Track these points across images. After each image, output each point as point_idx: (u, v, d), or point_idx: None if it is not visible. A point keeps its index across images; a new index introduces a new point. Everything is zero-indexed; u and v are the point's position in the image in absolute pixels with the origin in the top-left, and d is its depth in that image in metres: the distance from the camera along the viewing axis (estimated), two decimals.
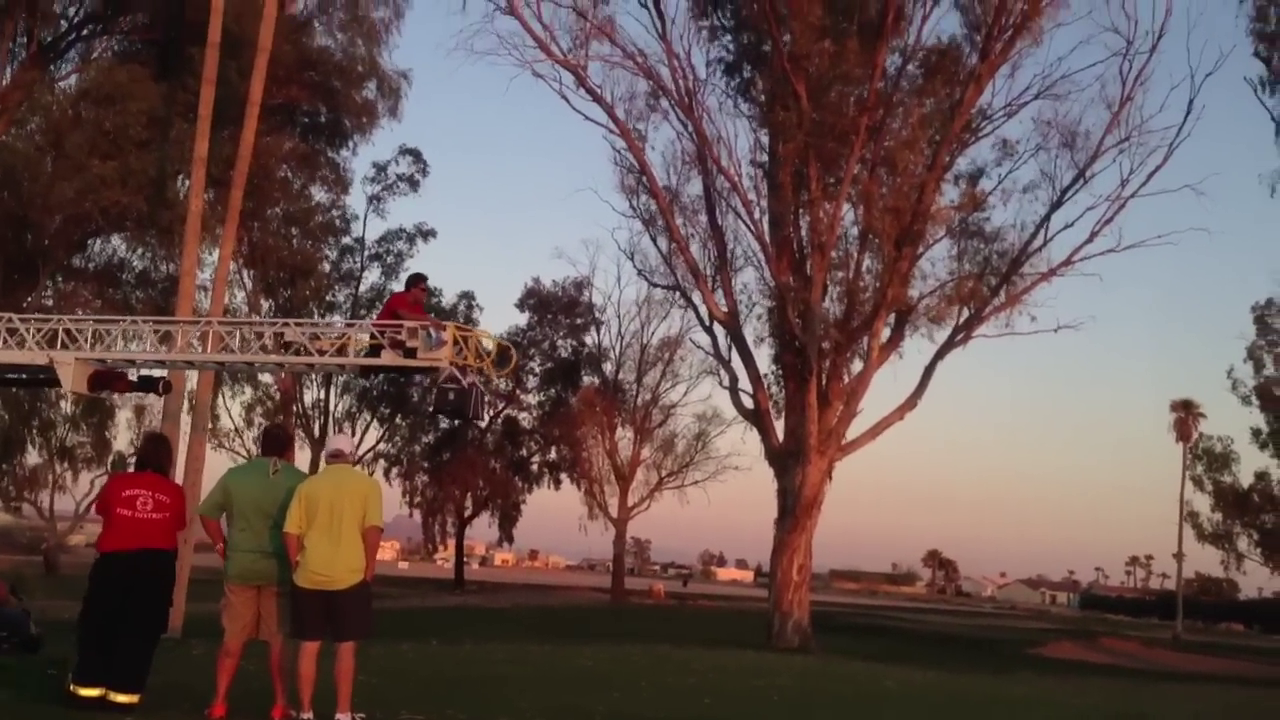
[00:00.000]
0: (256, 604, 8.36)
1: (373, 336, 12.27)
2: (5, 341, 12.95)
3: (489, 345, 11.96)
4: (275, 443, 9.04)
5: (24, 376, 14.69)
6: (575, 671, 14.66)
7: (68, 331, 12.75)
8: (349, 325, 13.72)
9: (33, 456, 46.07)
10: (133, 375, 13.90)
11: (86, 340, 12.77)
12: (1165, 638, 58.70)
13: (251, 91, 21.97)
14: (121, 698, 8.12)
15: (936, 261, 30.00)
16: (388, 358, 12.13)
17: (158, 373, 13.93)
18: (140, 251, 32.16)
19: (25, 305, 31.81)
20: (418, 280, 12.69)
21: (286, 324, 13.26)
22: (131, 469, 10.35)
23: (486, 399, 12.33)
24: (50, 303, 33.60)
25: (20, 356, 12.87)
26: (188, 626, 17.04)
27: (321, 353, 12.50)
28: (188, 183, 25.83)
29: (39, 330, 12.83)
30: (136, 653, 8.30)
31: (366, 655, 8.09)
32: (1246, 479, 59.60)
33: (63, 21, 30.20)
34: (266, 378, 53.01)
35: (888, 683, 16.58)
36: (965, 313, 29.23)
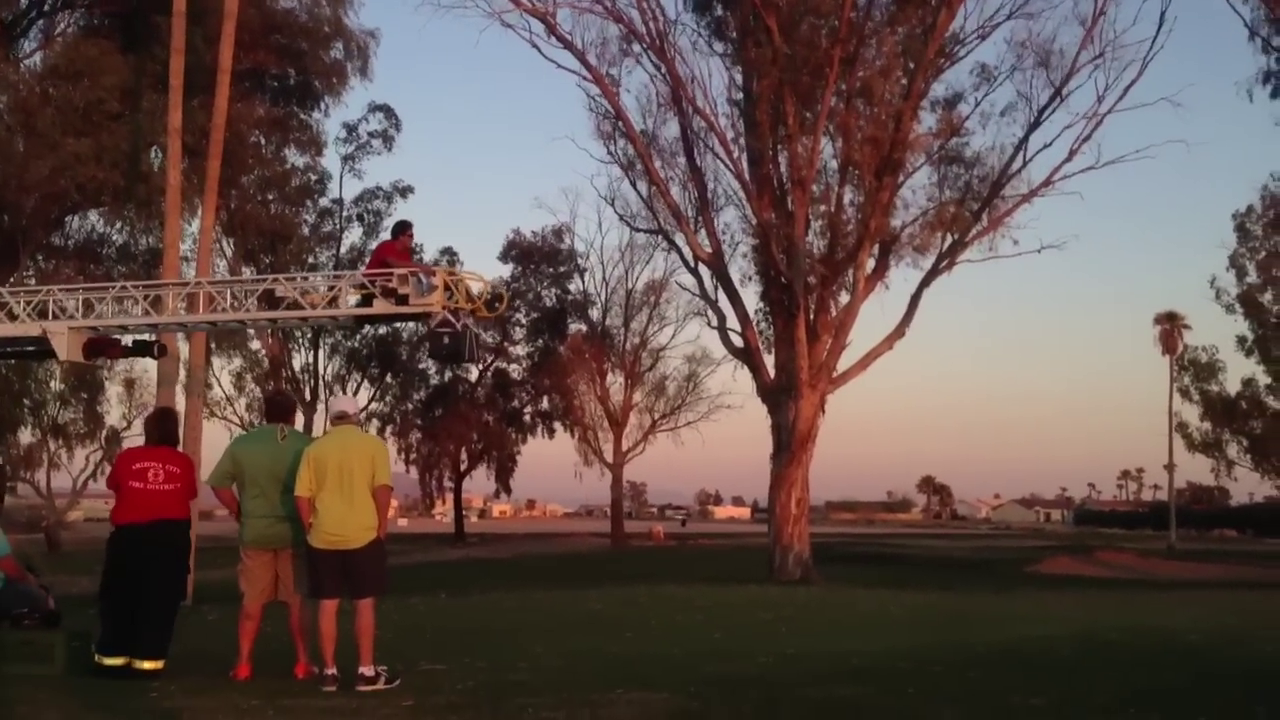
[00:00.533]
0: (274, 567, 8.52)
1: (363, 287, 12.35)
2: None
3: (478, 288, 12.05)
4: (280, 409, 9.15)
5: (16, 350, 14.73)
6: (585, 616, 14.90)
7: (58, 303, 12.81)
8: (338, 277, 13.76)
9: (26, 435, 46.03)
10: (126, 341, 14.00)
11: (78, 309, 12.84)
12: (1160, 548, 59.53)
13: (221, 59, 21.77)
14: (146, 664, 8.28)
15: (917, 190, 30.02)
16: (380, 306, 12.23)
17: (150, 337, 14.06)
18: (119, 226, 31.96)
19: (8, 285, 31.70)
20: (404, 228, 12.73)
21: (277, 280, 13.36)
22: (128, 444, 10.48)
23: (479, 337, 12.45)
24: (33, 282, 33.42)
25: (12, 329, 12.92)
26: (198, 593, 17.24)
27: (313, 306, 12.59)
28: (161, 155, 25.65)
29: (29, 302, 12.89)
30: (157, 620, 8.45)
31: (377, 611, 8.26)
32: (1233, 387, 60.19)
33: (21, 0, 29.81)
34: (255, 344, 53.06)
35: (891, 607, 16.88)
36: (948, 239, 29.30)
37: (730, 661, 9.27)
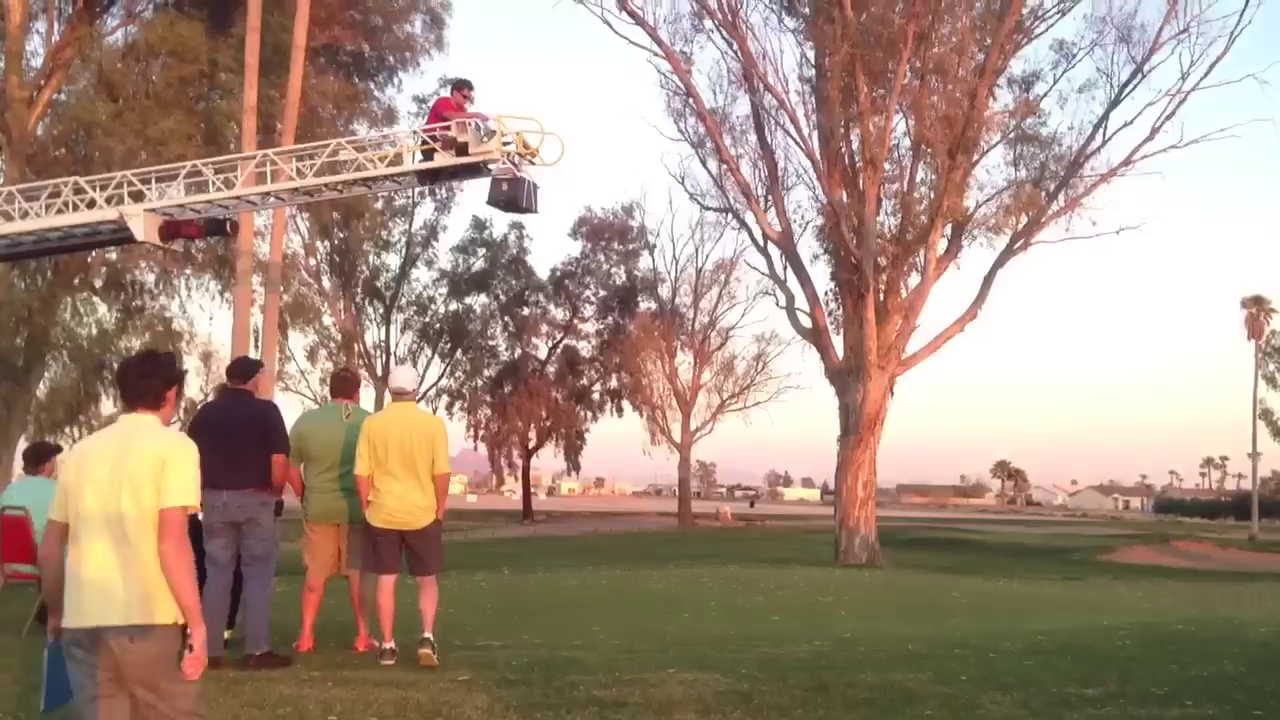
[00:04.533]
0: (336, 541, 8.63)
1: (424, 142, 12.73)
2: (75, 206, 13.45)
3: (536, 139, 12.42)
4: (344, 386, 9.24)
5: (95, 238, 15.07)
6: (645, 595, 14.96)
7: (134, 193, 13.20)
8: (398, 135, 14.18)
9: (106, 406, 47.10)
10: (200, 221, 14.41)
11: (153, 191, 13.25)
12: (1241, 538, 58.19)
13: (295, 35, 22.14)
14: None
15: (992, 169, 29.60)
16: (441, 159, 12.58)
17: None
18: None
19: (90, 260, 32.51)
20: (463, 84, 13.08)
21: (341, 144, 13.76)
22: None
23: (539, 190, 12.80)
24: (114, 255, 34.24)
25: (91, 216, 13.38)
26: None
27: (381, 162, 13.03)
28: (239, 130, 26.14)
29: (104, 188, 13.33)
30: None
31: (441, 586, 8.36)
32: None
33: None
34: (329, 319, 53.79)
35: (955, 593, 16.71)
36: (1023, 219, 28.80)
37: (785, 644, 9.26)
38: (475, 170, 13.13)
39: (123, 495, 4.12)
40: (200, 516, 8.20)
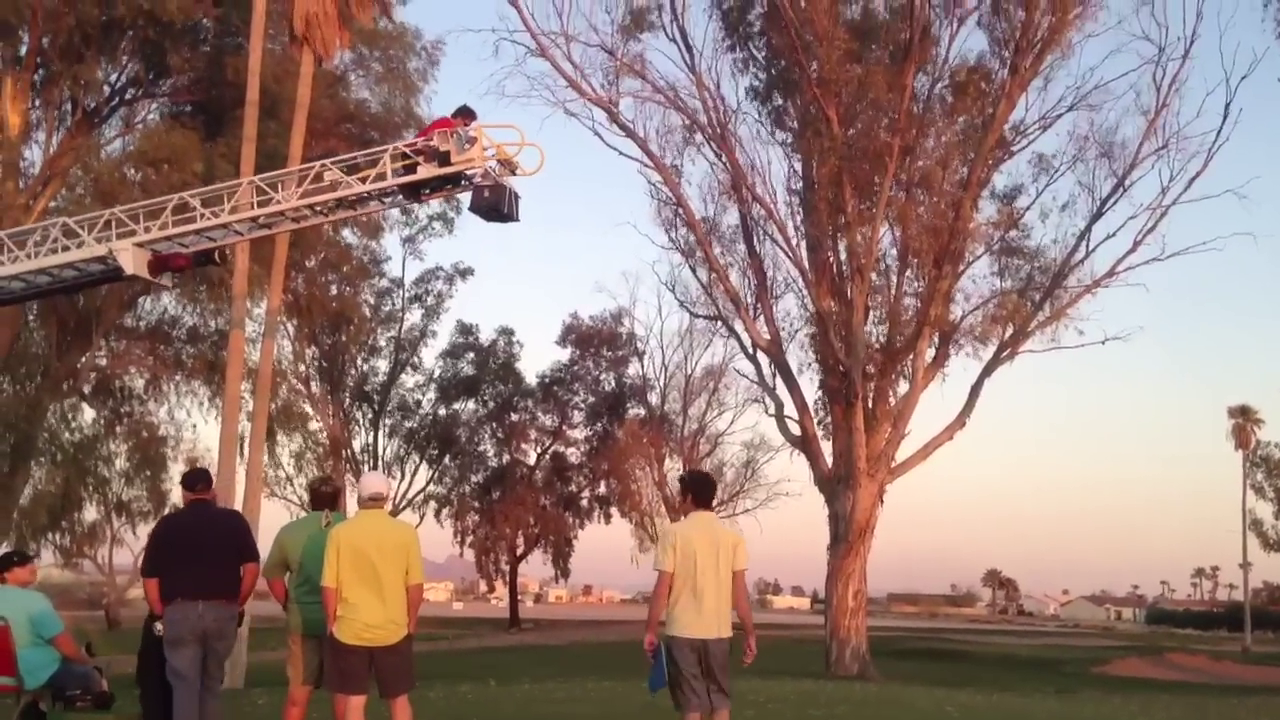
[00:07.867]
0: (320, 653, 8.44)
1: (405, 156, 12.87)
2: (64, 246, 13.39)
3: (515, 149, 12.68)
4: (320, 499, 9.07)
5: (84, 278, 14.86)
6: (634, 708, 14.62)
7: (126, 229, 13.17)
8: (381, 151, 14.19)
9: (90, 513, 46.45)
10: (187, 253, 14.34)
11: (140, 225, 13.24)
12: (1234, 650, 57.54)
13: (291, 148, 22.43)
14: None
15: (978, 279, 29.94)
16: (424, 171, 12.72)
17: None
18: (190, 308, 32.70)
19: (80, 365, 32.48)
20: (468, 112, 13.13)
21: (325, 165, 13.84)
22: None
23: (520, 199, 12.90)
24: (104, 361, 34.21)
25: (80, 254, 13.30)
26: (249, 676, 17.23)
27: (364, 181, 13.24)
28: None
29: (92, 227, 13.31)
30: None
31: (425, 699, 8.14)
32: None
33: (105, 87, 30.96)
34: (315, 424, 53.51)
35: (949, 708, 16.39)
36: (1009, 329, 29.08)
37: None
38: (457, 181, 13.32)
39: (719, 563, 7.61)
40: (159, 629, 8.05)
